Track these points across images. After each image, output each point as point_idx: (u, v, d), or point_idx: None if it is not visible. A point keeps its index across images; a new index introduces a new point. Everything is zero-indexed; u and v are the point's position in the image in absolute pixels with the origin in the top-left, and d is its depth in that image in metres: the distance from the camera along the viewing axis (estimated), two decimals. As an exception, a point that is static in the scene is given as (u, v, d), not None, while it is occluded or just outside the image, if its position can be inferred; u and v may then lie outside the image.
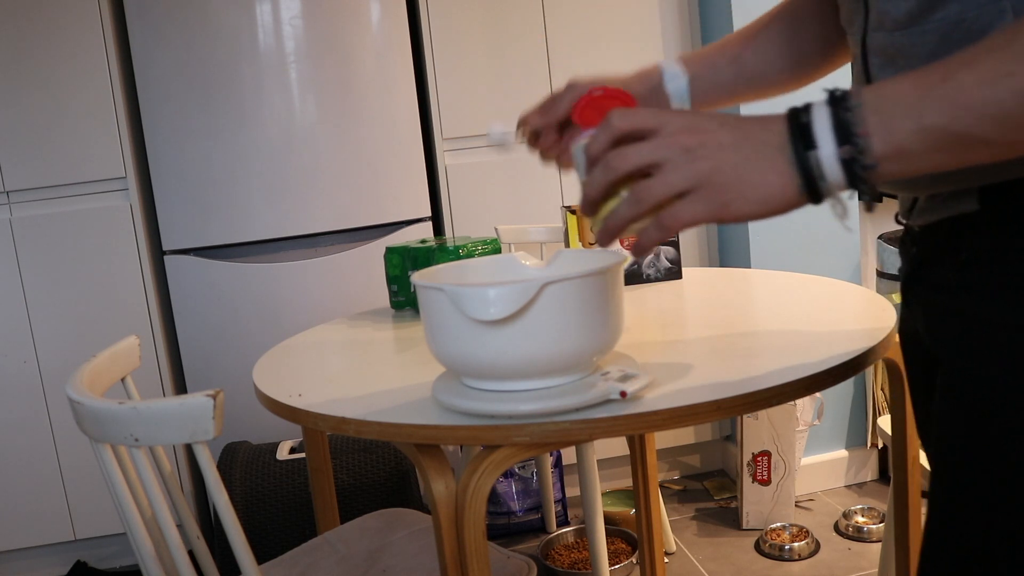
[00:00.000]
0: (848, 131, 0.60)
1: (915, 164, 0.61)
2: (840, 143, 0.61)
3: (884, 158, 0.60)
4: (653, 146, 0.65)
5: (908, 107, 0.59)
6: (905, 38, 0.69)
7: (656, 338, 1.17)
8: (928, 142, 0.59)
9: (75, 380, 1.05)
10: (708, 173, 0.63)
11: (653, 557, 1.88)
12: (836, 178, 0.62)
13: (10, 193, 2.31)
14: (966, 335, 0.70)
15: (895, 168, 0.61)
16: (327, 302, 2.43)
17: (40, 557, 2.46)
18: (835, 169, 0.61)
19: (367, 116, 2.38)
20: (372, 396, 1.04)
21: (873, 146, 0.60)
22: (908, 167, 0.61)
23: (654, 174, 0.65)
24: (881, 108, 0.60)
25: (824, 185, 0.62)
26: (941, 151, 0.59)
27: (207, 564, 1.12)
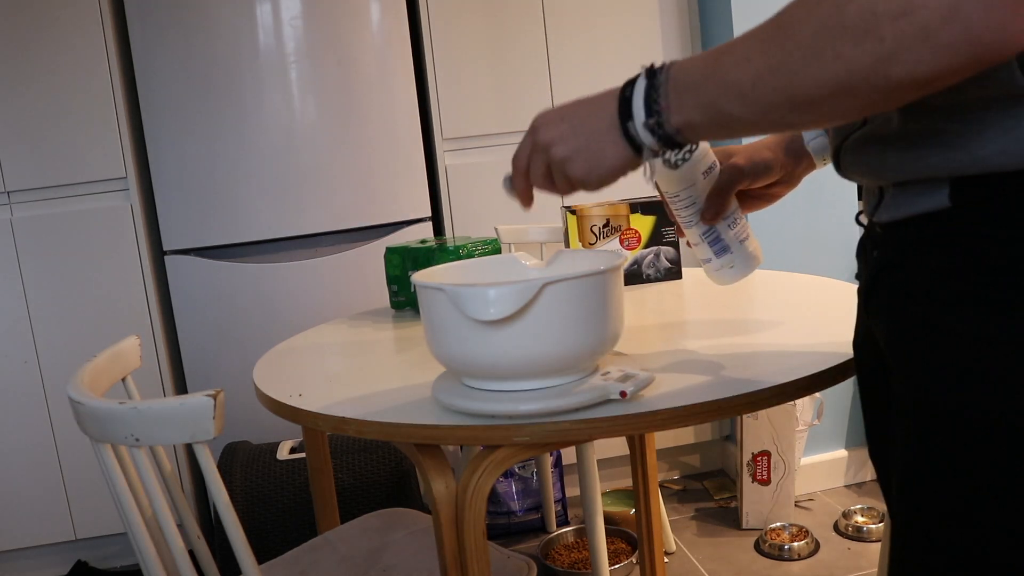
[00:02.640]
0: (652, 108, 0.74)
1: (705, 133, 0.73)
2: (647, 116, 0.75)
3: (680, 127, 0.73)
4: (524, 149, 0.86)
5: (692, 84, 0.71)
6: None
7: (656, 338, 1.17)
8: (705, 115, 0.70)
9: (76, 380, 1.05)
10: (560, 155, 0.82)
11: (653, 557, 1.88)
12: (650, 141, 0.76)
13: (11, 193, 2.31)
14: (935, 350, 0.66)
15: (693, 134, 0.73)
16: (327, 302, 2.43)
17: (40, 557, 2.47)
18: (646, 136, 0.76)
19: (367, 116, 2.38)
20: (372, 396, 1.04)
21: (671, 118, 0.73)
22: (702, 134, 0.73)
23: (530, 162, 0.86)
24: (678, 84, 0.72)
25: (644, 147, 0.77)
26: (716, 124, 0.70)
27: (207, 564, 1.12)
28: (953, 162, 0.65)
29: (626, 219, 1.57)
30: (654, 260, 1.59)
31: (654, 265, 1.59)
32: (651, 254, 1.59)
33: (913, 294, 0.69)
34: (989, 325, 0.62)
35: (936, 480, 0.66)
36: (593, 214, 1.57)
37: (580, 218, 1.58)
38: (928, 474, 0.67)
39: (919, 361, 0.68)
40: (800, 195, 2.44)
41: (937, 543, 0.67)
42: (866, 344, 0.84)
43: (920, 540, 0.68)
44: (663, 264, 1.60)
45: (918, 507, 0.68)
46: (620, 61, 2.50)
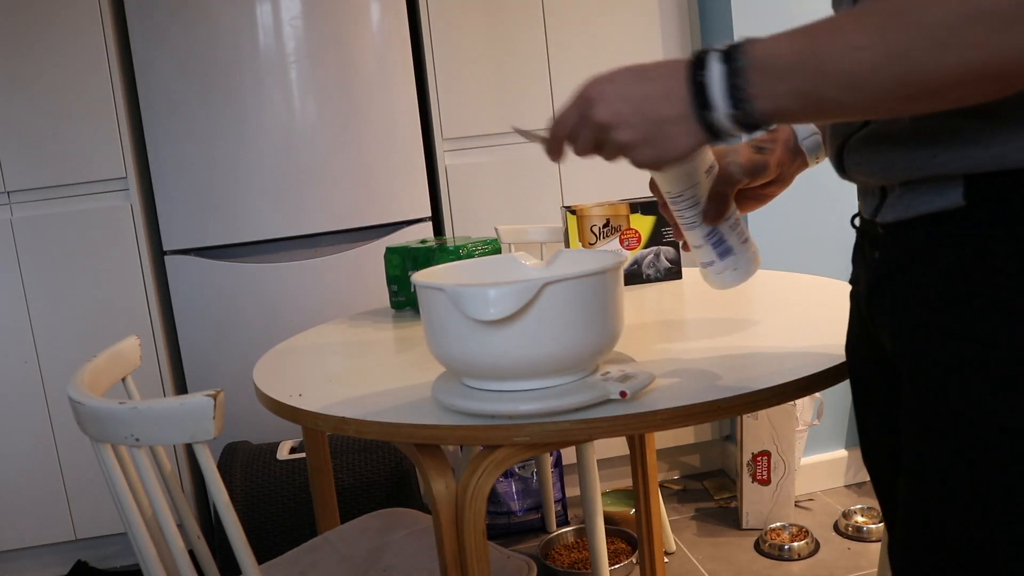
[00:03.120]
0: (737, 97, 0.67)
1: (797, 120, 0.68)
2: (732, 107, 0.68)
3: (767, 114, 0.67)
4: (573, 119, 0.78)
5: (784, 69, 0.65)
6: None
7: (656, 338, 1.17)
8: (800, 103, 0.65)
9: (76, 380, 1.05)
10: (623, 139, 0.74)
11: (653, 557, 1.88)
12: (733, 130, 0.70)
13: (11, 193, 2.31)
14: (946, 353, 0.65)
15: (779, 122, 0.69)
16: (327, 302, 2.43)
17: (40, 557, 2.47)
18: (730, 126, 0.70)
19: (367, 116, 2.38)
20: (372, 396, 1.04)
21: (759, 106, 0.67)
22: (792, 120, 0.68)
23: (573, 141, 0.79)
24: (765, 68, 0.66)
25: (727, 136, 0.71)
26: (814, 111, 0.65)
27: (207, 564, 1.12)
28: (969, 159, 0.63)
29: (626, 219, 1.57)
30: (654, 260, 1.59)
31: (654, 265, 1.59)
32: (651, 254, 1.59)
33: (922, 296, 0.68)
34: (1002, 328, 0.61)
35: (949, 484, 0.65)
36: (593, 214, 1.57)
37: (580, 218, 1.58)
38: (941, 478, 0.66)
39: (930, 364, 0.67)
40: (799, 195, 2.44)
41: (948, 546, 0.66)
42: (861, 347, 0.83)
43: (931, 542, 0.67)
44: (663, 264, 1.60)
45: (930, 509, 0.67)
46: (620, 61, 2.50)
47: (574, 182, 2.54)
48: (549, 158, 0.82)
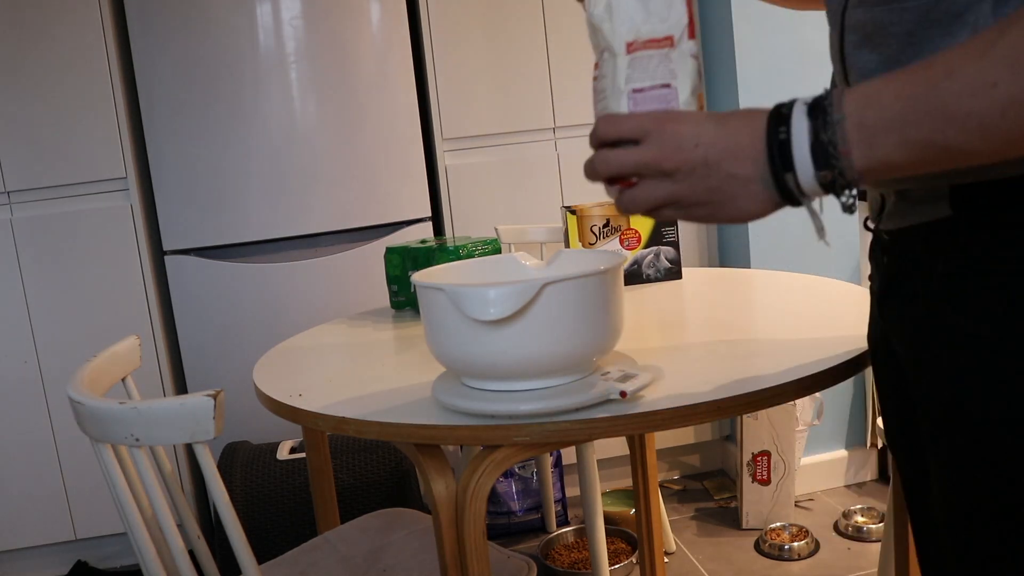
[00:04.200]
0: (828, 154, 0.60)
1: (897, 173, 0.61)
2: (819, 167, 0.61)
3: (865, 171, 0.61)
4: (634, 161, 0.67)
5: (891, 120, 0.58)
6: (885, 14, 0.67)
7: (656, 338, 1.17)
8: (911, 154, 0.59)
9: (76, 380, 1.05)
10: (683, 195, 0.66)
11: (653, 557, 1.88)
12: (815, 193, 0.63)
13: (11, 193, 2.31)
14: (951, 354, 0.67)
15: (877, 178, 0.61)
16: (327, 302, 2.43)
17: (40, 557, 2.47)
18: (814, 188, 0.62)
19: (367, 116, 2.38)
20: (372, 396, 1.04)
21: (854, 162, 0.60)
22: (889, 175, 0.61)
23: (636, 183, 0.68)
24: (864, 121, 0.59)
25: (803, 199, 0.64)
26: (924, 162, 0.59)
27: (207, 564, 1.12)
28: (954, 176, 0.65)
29: (626, 219, 1.57)
30: (654, 260, 1.59)
31: (654, 265, 1.59)
32: (651, 254, 1.59)
33: (925, 300, 0.69)
34: (1000, 328, 0.63)
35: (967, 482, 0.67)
36: (593, 214, 1.57)
37: (580, 218, 1.58)
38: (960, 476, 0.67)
39: (937, 366, 0.69)
40: (800, 195, 2.43)
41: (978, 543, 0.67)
42: (882, 343, 0.85)
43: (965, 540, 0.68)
44: (663, 264, 1.60)
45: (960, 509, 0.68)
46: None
47: (574, 182, 2.54)
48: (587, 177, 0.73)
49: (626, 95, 0.75)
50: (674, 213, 0.68)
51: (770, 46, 2.38)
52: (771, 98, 2.40)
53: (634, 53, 0.76)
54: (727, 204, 0.65)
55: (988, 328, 0.64)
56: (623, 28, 0.76)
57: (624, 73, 0.76)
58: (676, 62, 0.75)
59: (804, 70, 2.39)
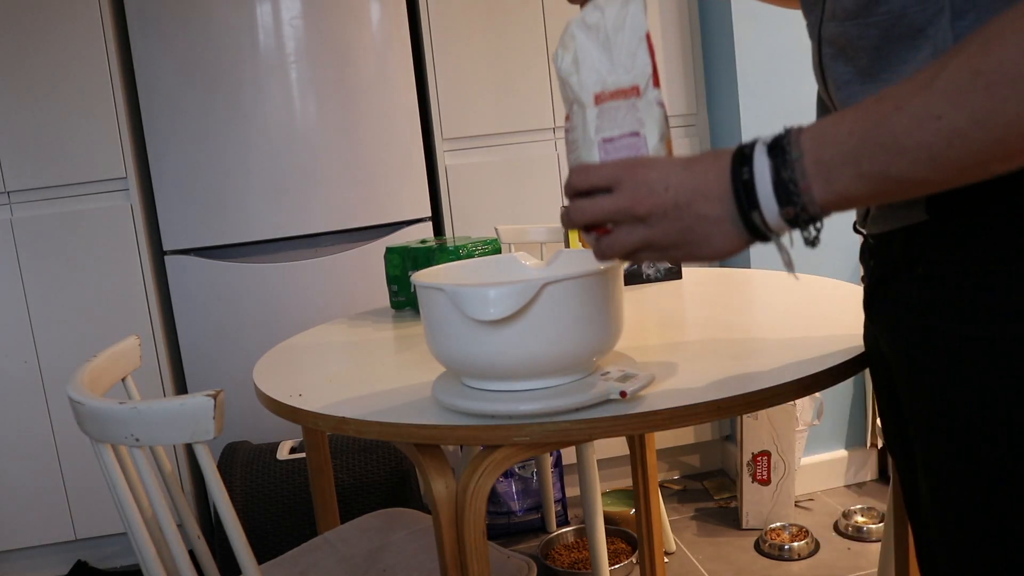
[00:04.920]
0: (789, 191, 0.62)
1: (857, 204, 0.63)
2: (782, 204, 0.63)
3: (826, 205, 0.63)
4: (607, 209, 0.69)
5: (846, 154, 0.60)
6: (853, 29, 0.70)
7: (656, 338, 1.17)
8: (868, 186, 0.61)
9: (76, 380, 1.05)
10: (656, 238, 0.68)
11: (653, 557, 1.88)
12: (781, 229, 0.65)
13: (11, 193, 2.31)
14: (933, 352, 0.68)
15: (838, 210, 0.63)
16: (327, 302, 2.43)
17: (40, 557, 2.47)
18: (779, 224, 0.65)
19: (367, 116, 2.38)
20: (372, 396, 1.04)
21: (815, 197, 0.62)
22: (850, 207, 0.63)
23: (611, 229, 0.71)
24: (821, 157, 0.61)
25: (771, 235, 0.66)
26: (881, 193, 0.61)
27: (207, 564, 1.12)
28: None
29: (626, 219, 1.57)
30: (654, 260, 1.59)
31: (654, 265, 1.59)
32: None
33: (907, 304, 0.71)
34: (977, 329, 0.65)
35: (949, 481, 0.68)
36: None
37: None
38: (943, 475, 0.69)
39: (918, 367, 0.70)
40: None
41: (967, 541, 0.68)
42: (873, 345, 0.86)
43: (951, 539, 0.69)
44: (663, 264, 1.59)
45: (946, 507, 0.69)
46: (620, 61, 2.50)
47: (574, 182, 2.54)
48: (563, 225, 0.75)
49: (597, 145, 0.77)
50: (650, 256, 0.70)
51: (770, 46, 2.38)
52: (771, 98, 2.40)
53: (602, 104, 0.78)
54: (701, 244, 0.67)
55: (965, 330, 0.65)
56: (590, 80, 0.78)
57: (593, 124, 0.77)
58: (643, 110, 0.77)
59: (804, 70, 2.39)
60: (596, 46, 0.78)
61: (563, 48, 0.79)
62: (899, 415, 0.84)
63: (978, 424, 0.65)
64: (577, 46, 0.78)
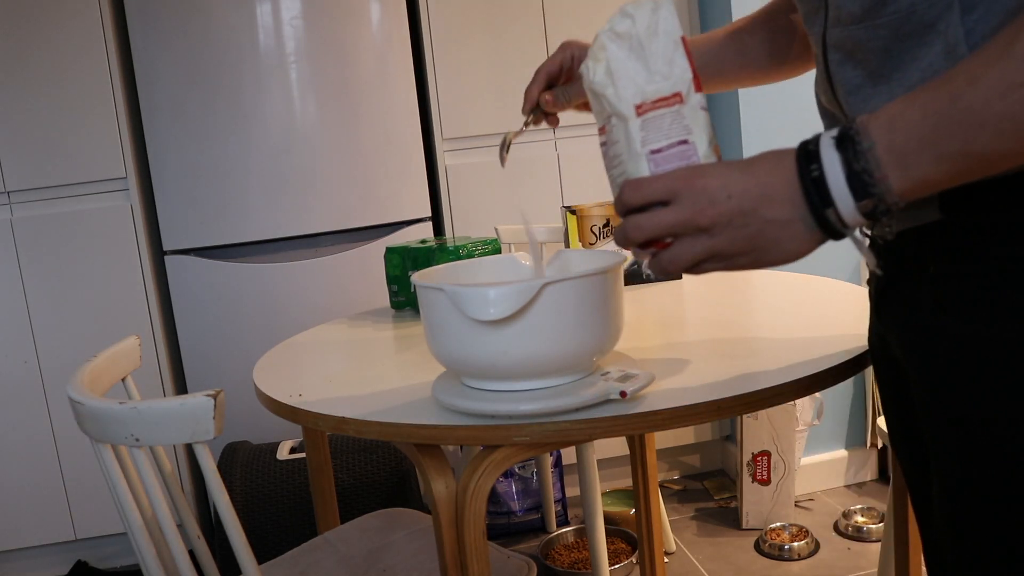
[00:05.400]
0: (864, 183, 0.60)
1: (937, 188, 0.61)
2: (859, 198, 0.61)
3: (904, 193, 0.60)
4: (668, 223, 0.66)
5: (922, 138, 0.58)
6: (861, 32, 0.69)
7: (656, 338, 1.17)
8: (948, 167, 0.59)
9: (76, 380, 1.05)
10: (722, 247, 0.66)
11: (653, 557, 1.88)
12: (857, 224, 0.63)
13: (11, 193, 2.31)
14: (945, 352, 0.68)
15: (916, 197, 0.61)
16: (327, 302, 2.43)
17: (40, 557, 2.47)
18: (856, 219, 0.62)
19: (367, 116, 2.38)
20: (372, 396, 1.04)
21: (892, 186, 0.60)
22: (930, 192, 0.61)
23: (671, 243, 0.68)
24: (894, 144, 0.59)
25: (846, 231, 0.63)
26: (962, 173, 0.59)
27: (207, 564, 1.12)
28: None
29: (626, 219, 1.57)
30: (654, 260, 1.59)
31: (654, 265, 1.59)
32: (651, 254, 1.59)
33: (917, 303, 0.71)
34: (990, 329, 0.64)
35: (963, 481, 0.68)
36: (593, 214, 1.57)
37: (580, 218, 1.58)
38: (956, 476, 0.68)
39: (930, 368, 0.70)
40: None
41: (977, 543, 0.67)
42: (881, 345, 0.86)
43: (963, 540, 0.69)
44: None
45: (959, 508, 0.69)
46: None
47: (574, 182, 2.54)
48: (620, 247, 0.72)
49: (645, 158, 0.74)
50: (716, 266, 0.68)
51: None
52: (770, 100, 2.40)
53: (645, 115, 0.74)
54: (771, 249, 0.65)
55: (977, 330, 0.65)
56: (628, 92, 0.75)
57: (638, 136, 0.74)
58: (688, 117, 0.74)
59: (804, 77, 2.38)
60: (629, 55, 0.75)
61: (594, 60, 0.76)
62: (907, 415, 0.84)
63: (992, 425, 0.64)
64: (609, 57, 0.75)
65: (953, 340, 0.67)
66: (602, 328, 0.90)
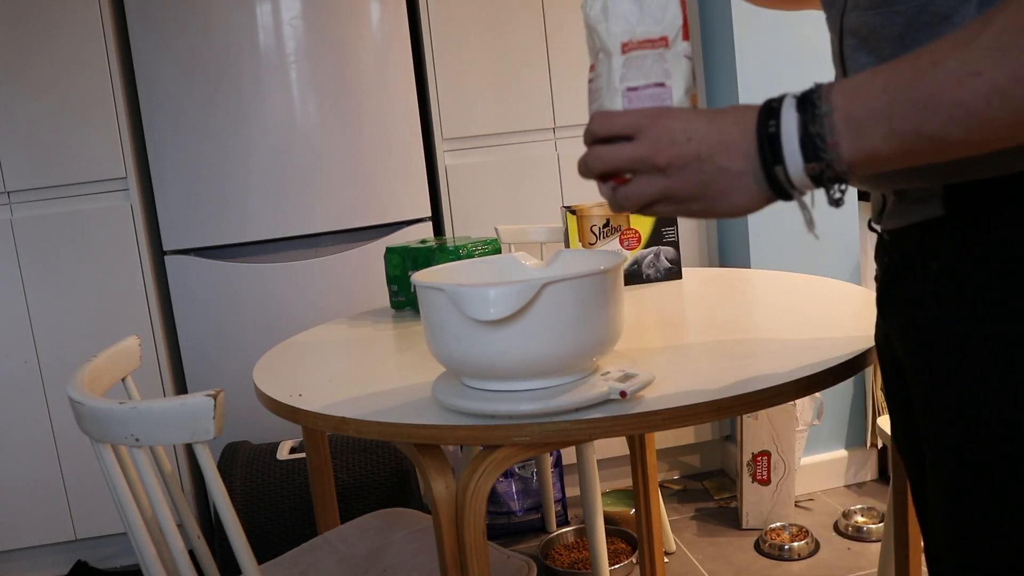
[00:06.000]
0: (816, 146, 0.61)
1: (885, 166, 0.61)
2: (808, 159, 0.62)
3: (854, 163, 0.61)
4: (627, 157, 0.68)
5: (878, 111, 0.59)
6: (877, 18, 0.69)
7: (656, 338, 1.17)
8: (898, 145, 0.59)
9: (76, 380, 1.05)
10: (676, 190, 0.66)
11: (653, 557, 1.88)
12: (805, 186, 0.64)
13: (11, 193, 2.31)
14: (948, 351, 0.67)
15: (865, 170, 0.62)
16: (327, 302, 2.43)
17: (40, 557, 2.47)
18: (803, 181, 0.63)
19: (367, 116, 2.38)
20: (372, 396, 1.04)
21: (842, 154, 0.61)
22: (878, 168, 0.62)
23: (630, 180, 0.69)
24: (852, 112, 0.60)
25: (793, 192, 0.64)
26: (912, 153, 0.59)
27: (207, 564, 1.12)
28: (946, 170, 0.66)
29: (626, 219, 1.57)
30: (654, 260, 1.59)
31: (654, 265, 1.59)
32: (651, 254, 1.59)
33: (921, 301, 0.70)
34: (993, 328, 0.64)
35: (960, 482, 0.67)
36: (593, 214, 1.57)
37: (580, 218, 1.58)
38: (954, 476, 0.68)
39: (931, 366, 0.69)
40: (800, 195, 2.43)
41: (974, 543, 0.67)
42: (885, 343, 0.85)
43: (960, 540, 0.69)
44: (663, 264, 1.60)
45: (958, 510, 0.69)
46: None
47: (574, 182, 2.54)
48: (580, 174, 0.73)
49: (621, 93, 0.76)
50: (667, 208, 0.68)
51: (770, 46, 2.38)
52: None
53: (629, 53, 0.77)
54: (720, 199, 0.66)
55: (980, 328, 0.64)
56: (618, 28, 0.77)
57: (619, 72, 0.76)
58: (671, 62, 0.76)
59: (804, 70, 2.39)
60: None
61: None
62: (911, 415, 0.83)
63: (995, 426, 0.64)
64: None
65: (955, 338, 0.66)
66: (602, 328, 0.90)
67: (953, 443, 0.68)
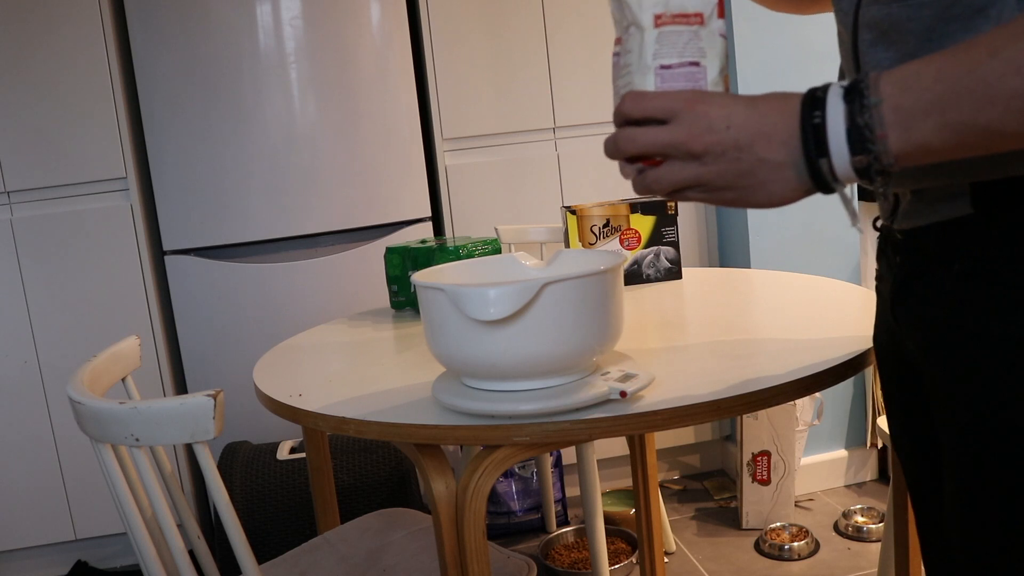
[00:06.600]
0: (864, 138, 0.59)
1: (935, 158, 0.59)
2: (855, 152, 0.59)
3: (901, 156, 0.59)
4: (662, 141, 0.65)
5: (931, 102, 0.57)
6: (902, 11, 0.66)
7: (656, 338, 1.17)
8: (950, 137, 0.57)
9: (76, 380, 1.05)
10: (710, 178, 0.64)
11: (653, 557, 1.88)
12: (848, 179, 0.61)
13: (11, 193, 2.31)
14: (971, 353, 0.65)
15: (912, 163, 0.60)
16: (327, 302, 2.43)
17: (40, 557, 2.47)
18: (848, 174, 0.61)
19: (367, 116, 2.38)
20: (372, 396, 1.04)
21: (890, 146, 0.59)
22: (925, 161, 0.59)
23: (661, 163, 0.66)
24: (902, 104, 0.58)
25: (835, 185, 0.62)
26: (962, 145, 0.57)
27: (207, 564, 1.12)
28: (974, 168, 0.64)
29: (626, 219, 1.57)
30: (654, 260, 1.59)
31: (654, 265, 1.59)
32: (651, 254, 1.59)
33: (941, 301, 0.68)
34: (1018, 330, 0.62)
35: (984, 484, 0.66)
36: (593, 214, 1.57)
37: (580, 218, 1.58)
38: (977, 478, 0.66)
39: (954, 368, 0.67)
40: (800, 195, 2.43)
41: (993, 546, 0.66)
42: (886, 342, 0.84)
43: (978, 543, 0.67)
44: (663, 264, 1.60)
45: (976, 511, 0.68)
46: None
47: (574, 182, 2.54)
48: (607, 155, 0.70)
49: (653, 71, 0.72)
50: (699, 196, 0.66)
51: (770, 46, 2.38)
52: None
53: (662, 27, 0.72)
54: (757, 189, 0.64)
55: (1008, 329, 0.63)
56: (650, 0, 0.73)
57: (652, 48, 0.72)
58: (705, 40, 0.72)
59: (804, 70, 2.39)
60: None
61: None
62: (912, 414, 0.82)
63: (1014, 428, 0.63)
64: None
65: (977, 340, 0.65)
66: (602, 328, 0.90)
67: (972, 444, 0.66)
